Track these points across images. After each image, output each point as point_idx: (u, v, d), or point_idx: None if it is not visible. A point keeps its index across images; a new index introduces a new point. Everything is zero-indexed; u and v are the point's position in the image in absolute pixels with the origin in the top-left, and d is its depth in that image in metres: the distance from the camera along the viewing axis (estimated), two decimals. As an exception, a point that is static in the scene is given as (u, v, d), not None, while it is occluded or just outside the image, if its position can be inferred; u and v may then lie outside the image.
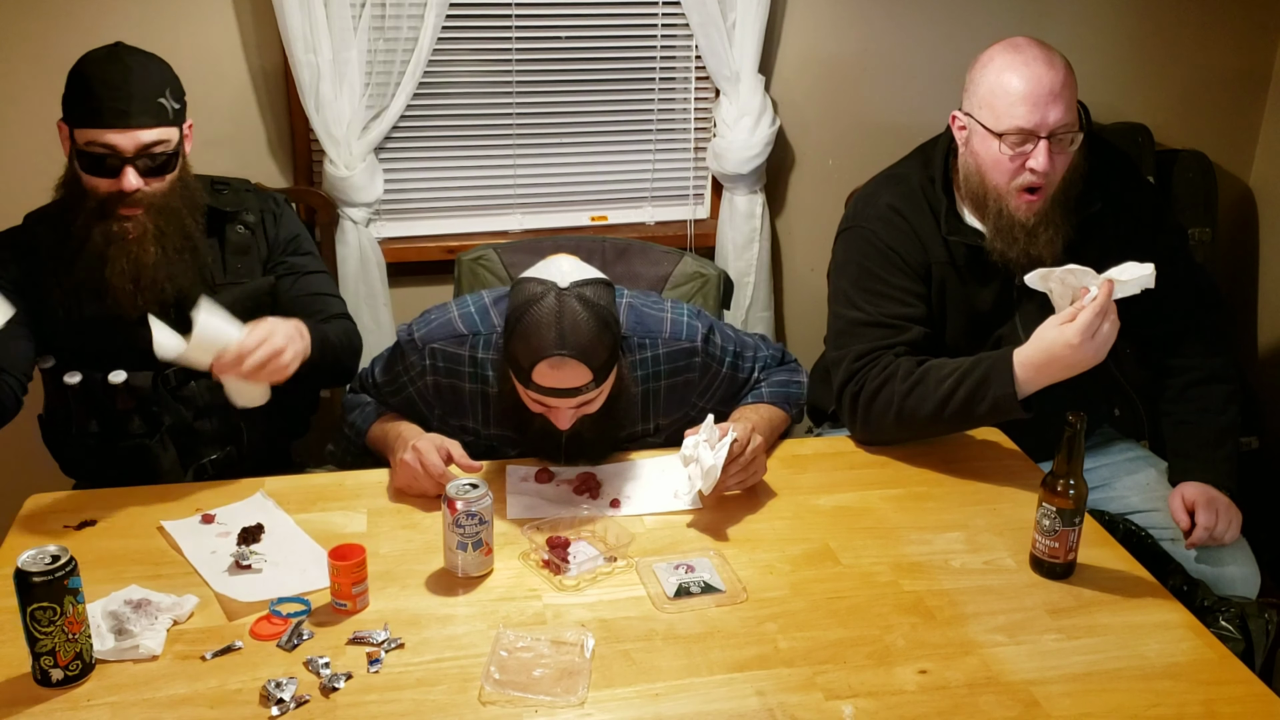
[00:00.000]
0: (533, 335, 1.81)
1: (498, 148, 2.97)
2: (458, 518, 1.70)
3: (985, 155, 2.05)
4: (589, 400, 1.89)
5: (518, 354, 1.84)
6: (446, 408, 2.08)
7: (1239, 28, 3.20)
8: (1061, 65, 2.01)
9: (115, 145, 1.98)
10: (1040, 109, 1.98)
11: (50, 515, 1.89)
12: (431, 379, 2.04)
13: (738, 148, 2.90)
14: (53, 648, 1.47)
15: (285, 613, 1.64)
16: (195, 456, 2.20)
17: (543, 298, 1.82)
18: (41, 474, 2.24)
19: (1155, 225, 2.20)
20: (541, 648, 1.57)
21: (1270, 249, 3.30)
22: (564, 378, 1.82)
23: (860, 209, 2.23)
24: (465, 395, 2.05)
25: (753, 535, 1.87)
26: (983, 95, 2.04)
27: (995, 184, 2.06)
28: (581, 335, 1.80)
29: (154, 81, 2.03)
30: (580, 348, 1.80)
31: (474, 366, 2.02)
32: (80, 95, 2.00)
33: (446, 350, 2.02)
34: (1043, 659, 1.59)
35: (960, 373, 2.01)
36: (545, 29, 2.88)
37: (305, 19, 2.62)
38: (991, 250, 2.09)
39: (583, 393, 1.85)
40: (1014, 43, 2.05)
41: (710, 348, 2.09)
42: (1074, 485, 1.72)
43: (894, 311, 2.13)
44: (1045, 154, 1.99)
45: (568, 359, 1.80)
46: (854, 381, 2.11)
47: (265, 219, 2.24)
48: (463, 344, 2.02)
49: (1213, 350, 2.24)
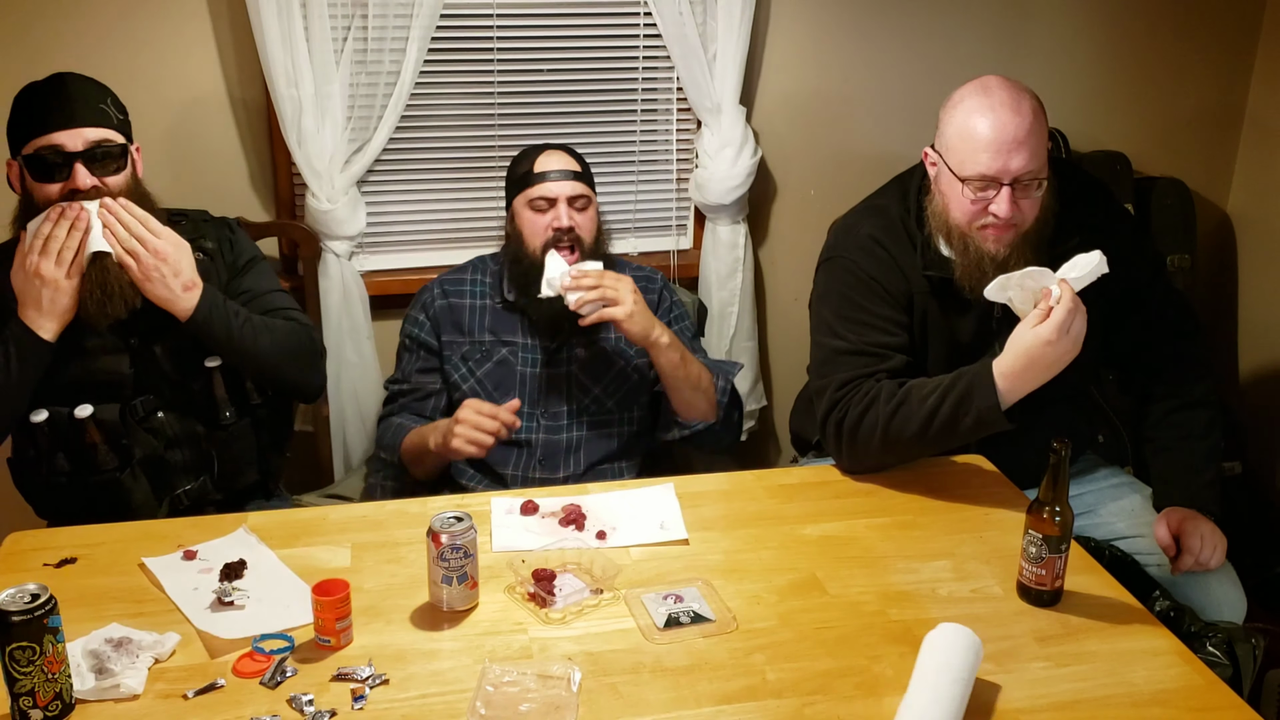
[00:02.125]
0: (528, 151, 2.44)
1: (480, 180, 2.97)
2: (442, 551, 1.69)
3: (951, 196, 2.07)
4: (581, 198, 2.37)
5: (520, 164, 2.42)
6: (451, 326, 2.46)
7: (1215, 57, 3.24)
8: (1029, 110, 2.00)
9: (61, 145, 2.02)
10: (1003, 156, 1.98)
11: (30, 553, 1.87)
12: (440, 302, 2.47)
13: (720, 178, 2.92)
14: (32, 688, 1.45)
15: (268, 650, 1.62)
16: (169, 488, 2.18)
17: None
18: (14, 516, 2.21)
19: (1134, 254, 2.22)
20: (528, 682, 1.56)
21: (1249, 275, 3.33)
22: (559, 161, 2.38)
23: (841, 239, 2.24)
24: (468, 308, 2.47)
25: (739, 565, 1.87)
26: (949, 137, 2.05)
27: (958, 223, 2.08)
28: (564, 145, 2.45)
29: (94, 91, 2.10)
30: (565, 148, 2.43)
31: (474, 285, 2.49)
32: (23, 110, 2.06)
33: (451, 278, 2.52)
34: (1031, 687, 1.58)
35: (942, 390, 2.01)
36: (527, 61, 2.90)
37: (287, 53, 2.62)
38: (963, 285, 2.10)
39: (576, 178, 2.37)
40: (984, 84, 2.04)
41: (666, 287, 2.56)
42: (1060, 512, 1.72)
43: (876, 340, 2.13)
44: (1007, 200, 2.01)
45: (558, 151, 2.41)
46: (837, 409, 2.11)
47: (223, 246, 2.26)
48: (464, 270, 2.53)
49: (1194, 376, 2.25)
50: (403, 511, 2.02)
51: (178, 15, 2.66)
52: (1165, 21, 3.18)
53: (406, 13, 2.70)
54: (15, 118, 2.07)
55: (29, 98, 2.07)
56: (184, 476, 2.20)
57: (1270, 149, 3.24)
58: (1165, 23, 3.18)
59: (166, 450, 2.17)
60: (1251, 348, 3.32)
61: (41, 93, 2.06)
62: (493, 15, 2.83)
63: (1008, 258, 2.05)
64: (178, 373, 2.17)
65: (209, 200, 2.47)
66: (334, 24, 2.68)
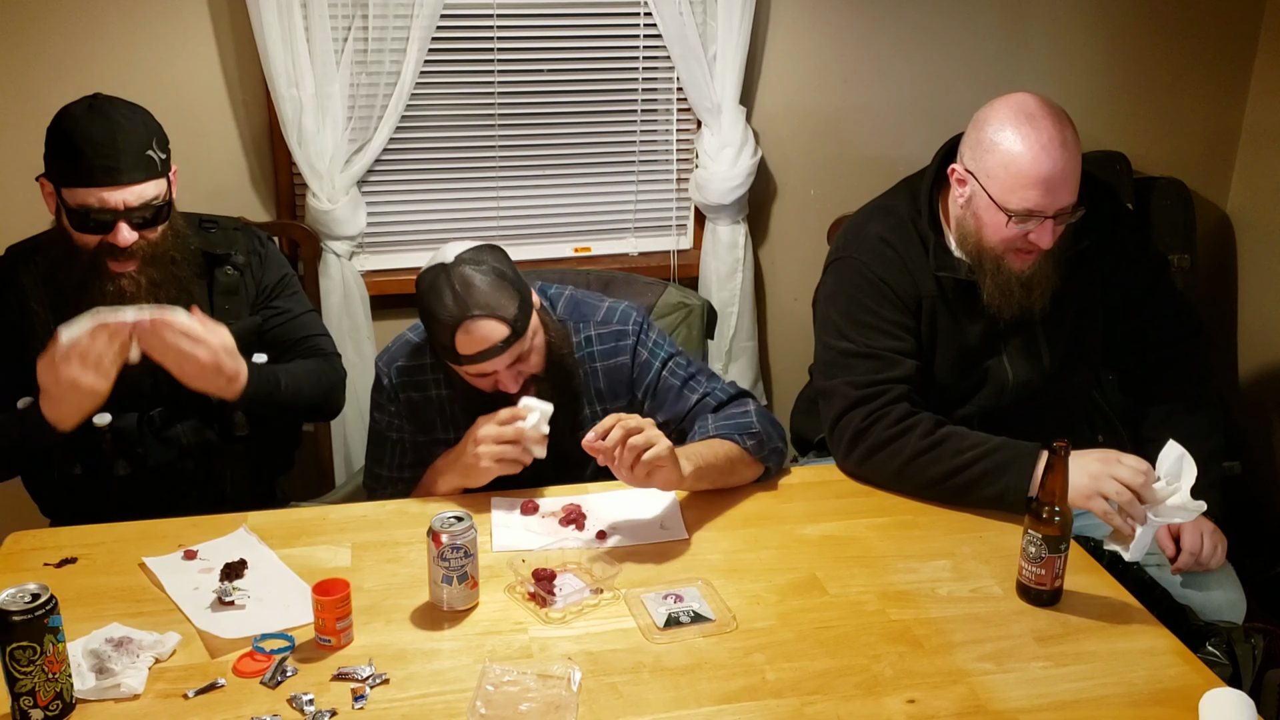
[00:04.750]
0: (440, 313, 1.93)
1: (480, 180, 2.98)
2: (442, 551, 1.69)
3: (988, 221, 2.03)
4: (519, 354, 1.97)
5: (437, 336, 1.96)
6: (419, 424, 2.13)
7: (1215, 57, 3.24)
8: (1074, 143, 1.97)
9: (107, 203, 1.96)
10: (1052, 194, 1.96)
11: (30, 553, 1.87)
12: (403, 395, 2.11)
13: (720, 178, 2.92)
14: (32, 687, 1.45)
15: (269, 649, 1.62)
16: (179, 497, 2.18)
17: (436, 277, 1.96)
18: (18, 512, 2.21)
19: (1139, 256, 2.22)
20: (528, 682, 1.56)
21: (1248, 275, 3.33)
22: (482, 338, 1.92)
23: (851, 240, 2.23)
24: (433, 403, 2.12)
25: (739, 565, 1.87)
26: (991, 166, 1.99)
27: (992, 246, 2.06)
28: (480, 294, 1.92)
29: (139, 134, 1.99)
30: (483, 305, 1.91)
31: (435, 373, 2.11)
32: (65, 155, 1.96)
33: (407, 365, 2.12)
34: (1031, 686, 1.58)
35: (982, 450, 1.99)
36: (527, 61, 2.90)
37: (288, 54, 2.63)
38: (989, 304, 2.10)
39: (507, 347, 1.93)
40: (1027, 112, 1.96)
41: (643, 336, 2.15)
42: (1059, 512, 1.72)
43: (883, 344, 2.13)
44: (1050, 232, 1.99)
45: (478, 319, 1.91)
46: (861, 412, 2.08)
47: (252, 260, 2.24)
48: (421, 353, 2.12)
49: (1194, 377, 2.25)
50: (403, 511, 2.03)
51: (178, 15, 2.66)
52: (1165, 22, 3.18)
53: (406, 13, 2.70)
54: (55, 151, 1.98)
55: (70, 133, 1.96)
56: (195, 486, 2.21)
57: (1270, 149, 3.24)
58: (1165, 23, 3.18)
59: (179, 460, 2.17)
60: (1251, 348, 3.32)
61: (84, 133, 1.95)
62: (493, 15, 2.84)
63: (1032, 278, 2.06)
64: None
65: (209, 200, 2.48)
66: (334, 24, 2.69)
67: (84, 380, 1.88)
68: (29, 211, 2.11)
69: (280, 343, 2.25)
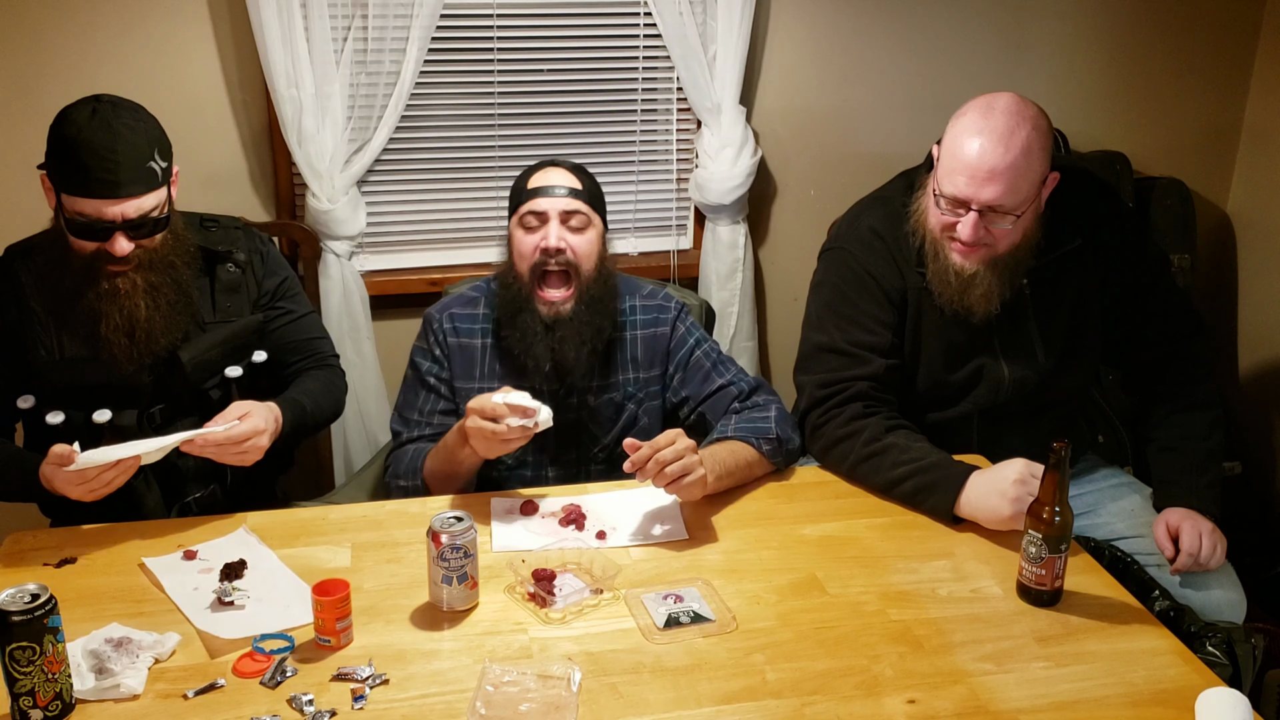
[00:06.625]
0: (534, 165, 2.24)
1: (480, 180, 2.98)
2: (442, 551, 1.69)
3: (930, 204, 2.08)
4: (576, 213, 2.15)
5: (518, 181, 2.22)
6: (461, 367, 2.25)
7: (1215, 57, 3.24)
8: (1019, 145, 1.95)
9: (105, 214, 1.96)
10: (975, 184, 1.97)
11: (30, 553, 1.87)
12: (452, 340, 2.25)
13: (720, 178, 2.92)
14: (32, 688, 1.45)
15: (268, 649, 1.62)
16: (179, 495, 2.18)
17: None
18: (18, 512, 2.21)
19: (1139, 253, 2.22)
20: (528, 682, 1.56)
21: (1249, 275, 3.33)
22: (557, 176, 2.18)
23: (843, 230, 2.25)
24: (477, 352, 2.26)
25: (739, 565, 1.87)
26: (944, 146, 2.05)
27: (932, 229, 2.09)
28: (568, 162, 2.23)
29: (140, 146, 1.97)
30: (570, 164, 2.22)
31: (485, 322, 2.26)
32: (66, 161, 1.95)
33: (463, 313, 2.28)
34: (1031, 687, 1.58)
35: (915, 466, 2.02)
36: (527, 61, 2.90)
37: (287, 53, 2.63)
38: (932, 291, 2.12)
39: (573, 195, 2.15)
40: (990, 104, 1.99)
41: (681, 316, 2.31)
42: (1059, 512, 1.72)
43: (858, 339, 2.14)
44: (970, 226, 2.00)
45: (557, 167, 2.20)
46: (817, 412, 2.14)
47: (254, 259, 2.24)
48: (475, 304, 2.28)
49: (1195, 376, 2.25)
50: (403, 511, 2.03)
51: (178, 15, 2.66)
52: (1165, 22, 3.18)
53: (406, 13, 2.70)
54: (56, 155, 1.97)
55: (72, 140, 1.94)
56: (195, 484, 2.20)
57: (1270, 149, 3.24)
58: (1165, 24, 3.18)
59: (179, 457, 2.17)
60: (1251, 348, 3.32)
61: (86, 143, 1.93)
62: (493, 16, 2.83)
63: (974, 274, 2.06)
64: (198, 381, 2.16)
65: (209, 200, 2.47)
66: (334, 24, 2.68)
67: (92, 498, 1.91)
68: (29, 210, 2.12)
69: (282, 343, 2.27)
